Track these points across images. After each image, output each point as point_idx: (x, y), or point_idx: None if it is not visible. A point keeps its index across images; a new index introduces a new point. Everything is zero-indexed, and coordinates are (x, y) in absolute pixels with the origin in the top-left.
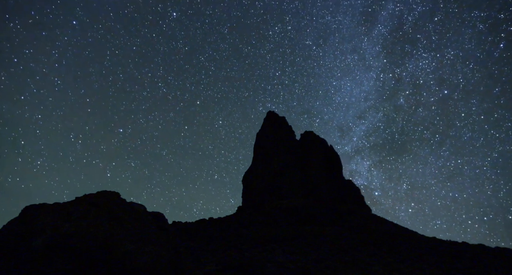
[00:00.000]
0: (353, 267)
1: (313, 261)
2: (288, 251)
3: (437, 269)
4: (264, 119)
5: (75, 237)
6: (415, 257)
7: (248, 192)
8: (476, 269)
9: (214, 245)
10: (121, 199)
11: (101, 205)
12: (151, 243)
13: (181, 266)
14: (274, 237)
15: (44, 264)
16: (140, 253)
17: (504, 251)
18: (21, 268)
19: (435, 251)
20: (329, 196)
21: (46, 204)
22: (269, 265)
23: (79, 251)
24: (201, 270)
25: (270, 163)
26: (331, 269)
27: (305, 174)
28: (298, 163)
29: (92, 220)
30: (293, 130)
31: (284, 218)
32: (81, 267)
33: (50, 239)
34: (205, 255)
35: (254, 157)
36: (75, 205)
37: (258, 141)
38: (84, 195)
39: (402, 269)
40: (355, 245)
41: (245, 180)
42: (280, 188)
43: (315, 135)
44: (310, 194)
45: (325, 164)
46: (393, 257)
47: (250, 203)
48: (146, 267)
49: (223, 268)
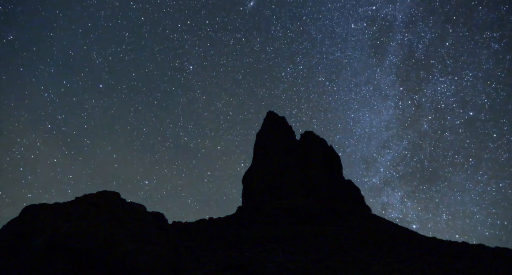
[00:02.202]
0: (353, 267)
1: (313, 261)
2: (288, 251)
3: (437, 269)
4: (264, 119)
5: (75, 237)
6: (415, 257)
7: (248, 192)
8: (476, 269)
9: (214, 245)
10: (121, 199)
11: (101, 205)
12: (151, 243)
13: (181, 266)
14: (274, 237)
15: (44, 264)
16: (140, 253)
17: (504, 251)
18: (21, 268)
19: (435, 251)
20: (329, 196)
21: (46, 204)
22: (269, 265)
23: (79, 251)
24: (201, 270)
25: (270, 163)
26: (331, 269)
27: (305, 174)
28: (298, 163)
29: (92, 220)
30: (293, 130)
31: (284, 218)
32: (81, 267)
33: (50, 239)
34: (205, 255)
35: (254, 157)
36: (75, 205)
37: (258, 141)
38: (84, 195)
39: (402, 269)
40: (355, 245)
41: (245, 180)
42: (280, 188)
43: (315, 135)
44: (310, 194)
45: (325, 164)
46: (393, 257)
47: (250, 203)
48: (146, 267)
49: (223, 268)
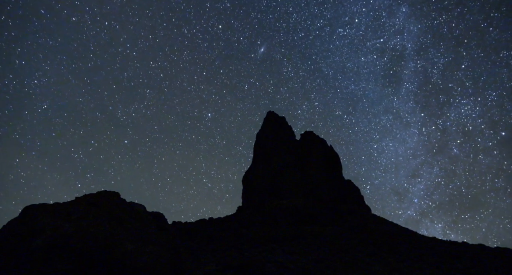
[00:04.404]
0: (353, 267)
1: (313, 261)
2: (288, 251)
3: (437, 269)
4: (264, 119)
5: (75, 237)
6: (415, 257)
7: (248, 192)
8: (476, 269)
9: (214, 245)
10: (121, 199)
11: (101, 205)
12: (151, 243)
13: (181, 266)
14: (274, 237)
15: (44, 264)
16: (140, 253)
17: (504, 251)
18: (21, 268)
19: (435, 251)
20: (329, 196)
21: (46, 204)
22: (269, 265)
23: (79, 251)
24: (201, 270)
25: (270, 163)
26: (331, 269)
27: (305, 174)
28: (298, 163)
29: (92, 220)
30: (293, 130)
31: (284, 218)
32: (81, 267)
33: (50, 239)
34: (205, 255)
35: (254, 157)
36: (75, 205)
37: (258, 141)
38: (84, 195)
39: (402, 269)
40: (355, 245)
41: (245, 180)
42: (280, 188)
43: (315, 135)
44: (310, 194)
45: (325, 164)
46: (393, 257)
47: (250, 203)
48: (146, 267)
49: (223, 268)
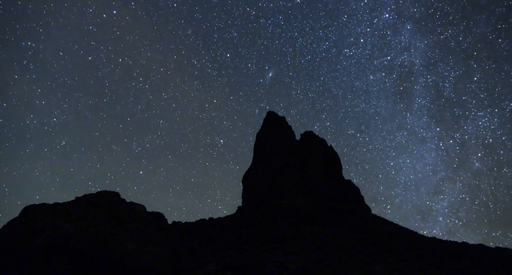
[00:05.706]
0: (353, 267)
1: (313, 261)
2: (288, 251)
3: (437, 269)
4: (264, 119)
5: (75, 237)
6: (415, 257)
7: (248, 192)
8: (476, 269)
9: (214, 245)
10: (121, 199)
11: (101, 205)
12: (151, 243)
13: (181, 266)
14: (274, 237)
15: (44, 264)
16: (140, 253)
17: (504, 251)
18: (21, 268)
19: (435, 251)
20: (329, 196)
21: (46, 204)
22: (269, 265)
23: (79, 251)
24: (201, 270)
25: (270, 163)
26: (331, 269)
27: (305, 174)
28: (298, 163)
29: (92, 220)
30: (293, 130)
31: (284, 218)
32: (81, 267)
33: (50, 239)
34: (205, 255)
35: (254, 157)
36: (75, 205)
37: (258, 141)
38: (84, 195)
39: (402, 269)
40: (355, 245)
41: (245, 180)
42: (280, 188)
43: (315, 135)
44: (310, 194)
45: (325, 164)
46: (393, 257)
47: (250, 203)
48: (146, 267)
49: (223, 268)
